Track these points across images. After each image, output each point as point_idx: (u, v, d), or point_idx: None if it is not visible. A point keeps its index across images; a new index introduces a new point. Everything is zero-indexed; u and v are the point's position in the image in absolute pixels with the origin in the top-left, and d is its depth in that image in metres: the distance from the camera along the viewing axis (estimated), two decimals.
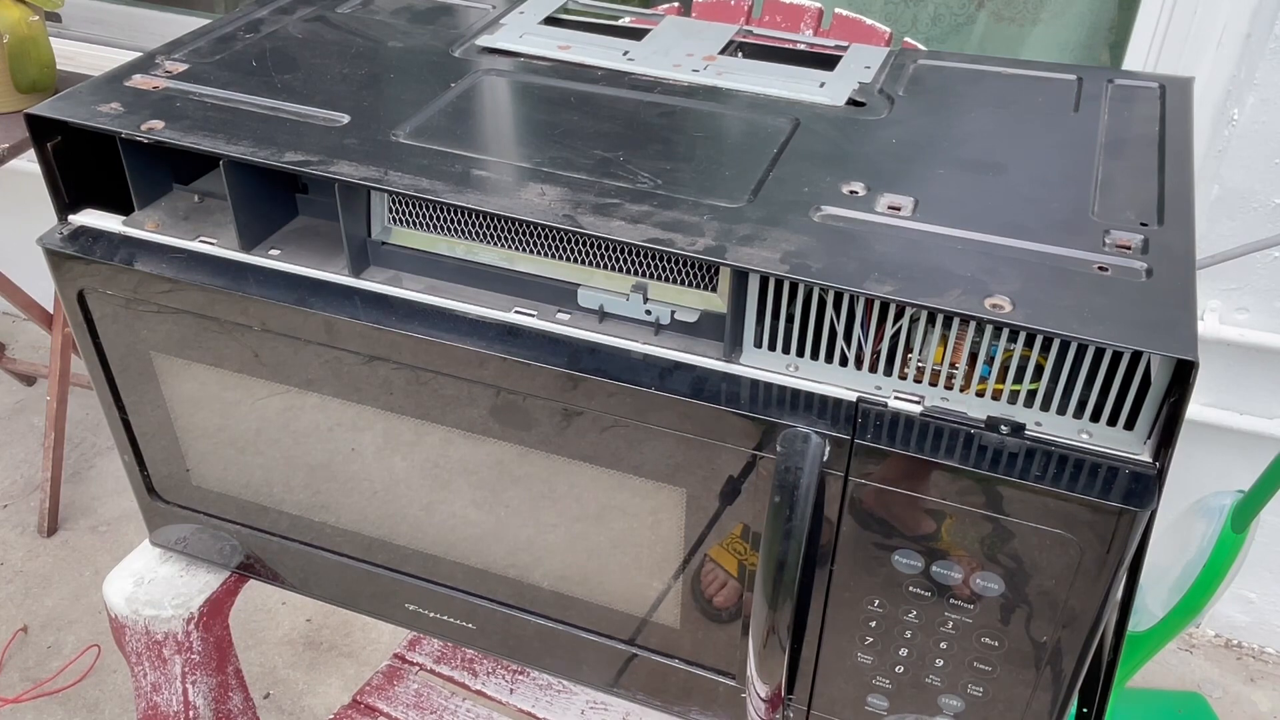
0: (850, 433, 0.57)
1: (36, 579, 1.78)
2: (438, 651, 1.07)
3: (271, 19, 0.84)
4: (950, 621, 0.60)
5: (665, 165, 0.65)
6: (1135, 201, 0.62)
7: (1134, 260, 0.56)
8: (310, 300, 0.66)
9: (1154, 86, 0.75)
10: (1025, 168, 0.65)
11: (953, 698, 0.64)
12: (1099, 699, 0.66)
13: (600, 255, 0.64)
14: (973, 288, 0.54)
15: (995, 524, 0.56)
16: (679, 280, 0.63)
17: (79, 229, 0.72)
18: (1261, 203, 1.26)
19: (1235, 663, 1.63)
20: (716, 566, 0.66)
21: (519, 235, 0.65)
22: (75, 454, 2.02)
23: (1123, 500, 0.52)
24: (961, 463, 0.55)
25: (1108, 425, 0.55)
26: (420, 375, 0.66)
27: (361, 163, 0.63)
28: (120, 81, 0.73)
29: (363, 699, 1.02)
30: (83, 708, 1.57)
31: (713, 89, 0.75)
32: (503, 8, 0.87)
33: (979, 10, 1.45)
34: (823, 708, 0.69)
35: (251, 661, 1.64)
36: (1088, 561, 0.55)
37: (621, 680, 0.76)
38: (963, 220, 0.60)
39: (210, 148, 0.65)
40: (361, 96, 0.72)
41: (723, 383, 0.60)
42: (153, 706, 0.89)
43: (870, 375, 0.59)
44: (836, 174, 0.64)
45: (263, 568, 0.85)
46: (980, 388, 0.57)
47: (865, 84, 0.75)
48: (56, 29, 1.87)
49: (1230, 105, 1.23)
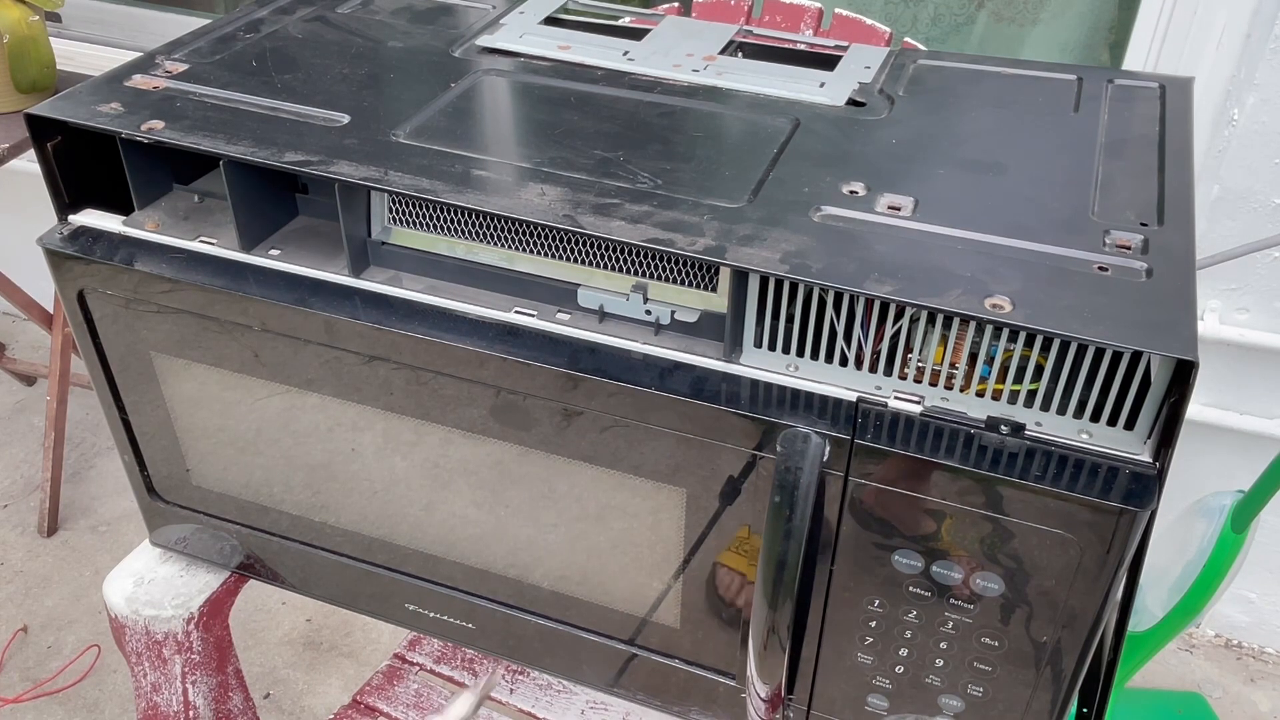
0: (850, 433, 0.57)
1: (36, 579, 1.78)
2: (438, 651, 1.07)
3: (271, 19, 0.84)
4: (950, 621, 0.60)
5: (665, 165, 0.65)
6: (1135, 202, 0.62)
7: (1134, 260, 0.56)
8: (310, 300, 0.66)
9: (1154, 86, 0.75)
10: (1025, 168, 0.65)
11: (953, 698, 0.64)
12: (1099, 699, 0.66)
13: (600, 255, 0.64)
14: (973, 288, 0.54)
15: (995, 524, 0.56)
16: (679, 280, 0.63)
17: (79, 229, 0.72)
18: (1261, 203, 1.26)
19: (1235, 663, 1.63)
20: (731, 571, 0.66)
21: (519, 235, 0.65)
22: (75, 454, 2.02)
23: (1123, 500, 0.52)
24: (961, 463, 0.55)
25: (1108, 425, 0.55)
26: (420, 375, 0.66)
27: (361, 163, 0.63)
28: (120, 81, 0.73)
29: (363, 699, 1.02)
30: (83, 708, 1.57)
31: (713, 89, 0.75)
32: (503, 8, 0.87)
33: (979, 10, 1.45)
34: (823, 708, 0.69)
35: (251, 661, 1.64)
36: (1088, 561, 0.55)
37: (621, 680, 0.76)
38: (963, 220, 0.60)
39: (210, 148, 0.65)
40: (361, 96, 0.72)
41: (723, 383, 0.60)
42: (153, 706, 0.89)
43: (870, 375, 0.59)
44: (836, 174, 0.64)
45: (263, 568, 0.85)
46: (980, 388, 0.57)
47: (865, 84, 0.75)
48: (56, 29, 1.87)
49: (1230, 105, 1.23)
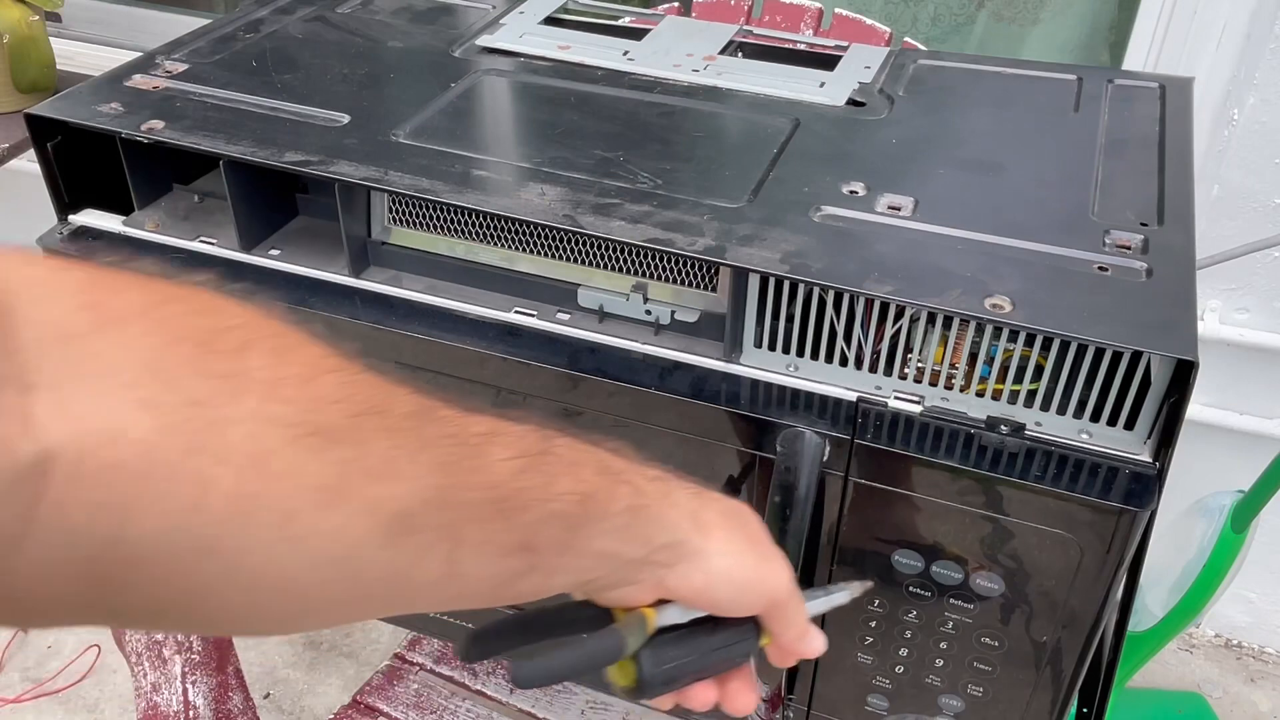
0: (850, 433, 0.56)
1: None
2: (438, 651, 1.07)
3: (271, 19, 0.84)
4: (950, 621, 0.60)
5: (665, 165, 0.65)
6: (1135, 201, 0.62)
7: (1134, 260, 0.56)
8: (310, 300, 0.66)
9: (1154, 86, 0.75)
10: (1025, 168, 0.65)
11: (953, 698, 0.64)
12: (1099, 699, 0.66)
13: (600, 255, 0.64)
14: (973, 288, 0.54)
15: (995, 524, 0.56)
16: (679, 280, 0.63)
17: (79, 229, 0.72)
18: (1261, 203, 1.26)
19: (1235, 663, 1.63)
20: None
21: (519, 235, 0.65)
22: None
23: (1123, 500, 0.52)
24: (961, 463, 0.55)
25: (1108, 425, 0.55)
26: (420, 375, 0.66)
27: (361, 163, 0.63)
28: (120, 81, 0.73)
29: (363, 699, 1.02)
30: (83, 708, 1.57)
31: (713, 89, 0.75)
32: (503, 8, 0.87)
33: (979, 10, 1.45)
34: (823, 708, 0.69)
35: (251, 661, 1.64)
36: (1088, 561, 0.55)
37: None
38: (963, 220, 0.60)
39: (210, 148, 0.65)
40: (361, 96, 0.72)
41: (723, 383, 0.60)
42: (153, 706, 0.89)
43: (870, 375, 0.59)
44: (836, 174, 0.64)
45: None
46: (980, 388, 0.57)
47: (865, 84, 0.75)
48: (56, 29, 1.87)
49: (1230, 105, 1.23)
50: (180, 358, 0.31)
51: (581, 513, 0.40)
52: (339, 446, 0.34)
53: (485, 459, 0.38)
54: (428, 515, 0.35)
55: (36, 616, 0.32)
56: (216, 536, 0.31)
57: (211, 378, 0.31)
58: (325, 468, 0.33)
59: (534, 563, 0.39)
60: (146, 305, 0.32)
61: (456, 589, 0.38)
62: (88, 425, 0.29)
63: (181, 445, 0.30)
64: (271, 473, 0.32)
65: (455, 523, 0.36)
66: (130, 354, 0.30)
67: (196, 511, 0.31)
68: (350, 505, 0.34)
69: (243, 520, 0.31)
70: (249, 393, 0.32)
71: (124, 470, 0.29)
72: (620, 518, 0.41)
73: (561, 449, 0.40)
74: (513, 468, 0.38)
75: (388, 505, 0.34)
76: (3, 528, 0.28)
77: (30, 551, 0.29)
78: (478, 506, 0.37)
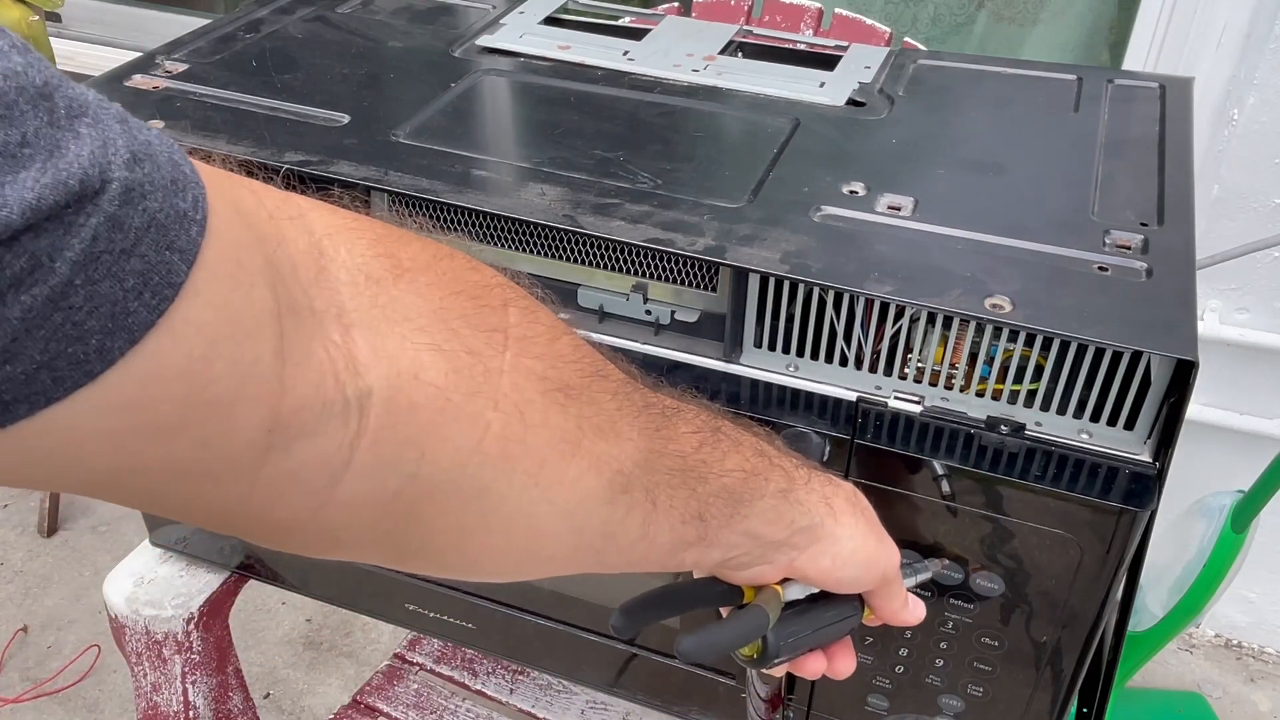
0: (850, 433, 0.57)
1: (36, 579, 1.78)
2: (438, 651, 1.07)
3: (271, 19, 0.84)
4: (950, 621, 0.60)
5: (665, 165, 0.65)
6: (1135, 201, 0.62)
7: (1134, 260, 0.56)
8: None
9: (1154, 86, 0.75)
10: (1025, 168, 0.65)
11: (953, 698, 0.64)
12: (1099, 699, 0.66)
13: (600, 255, 0.64)
14: (973, 288, 0.54)
15: (995, 524, 0.56)
16: (679, 280, 0.63)
17: None
18: (1261, 203, 1.26)
19: (1235, 663, 1.63)
20: None
21: (519, 235, 0.65)
22: None
23: (1123, 500, 0.52)
24: (961, 463, 0.55)
25: (1108, 425, 0.55)
26: None
27: (361, 163, 0.63)
28: (120, 81, 0.73)
29: (363, 699, 1.02)
30: (83, 708, 1.57)
31: (713, 89, 0.75)
32: (503, 8, 0.87)
33: (979, 10, 1.45)
34: (823, 708, 0.69)
35: (251, 661, 1.64)
36: (1088, 561, 0.55)
37: (621, 680, 0.76)
38: (963, 220, 0.60)
39: (210, 148, 0.65)
40: (361, 96, 0.72)
41: (723, 383, 0.60)
42: (153, 706, 0.89)
43: (870, 375, 0.59)
44: (836, 174, 0.64)
45: (262, 567, 0.85)
46: (980, 388, 0.57)
47: (865, 84, 0.75)
48: (56, 29, 1.87)
49: (1230, 105, 1.23)
50: (459, 309, 0.34)
51: (744, 490, 0.42)
52: (577, 403, 0.36)
53: (675, 429, 0.40)
54: (637, 476, 0.38)
55: (342, 550, 0.35)
56: (490, 478, 0.34)
57: (482, 330, 0.34)
58: (567, 421, 0.36)
59: (703, 533, 0.41)
60: (430, 258, 0.35)
61: (642, 552, 0.40)
62: (397, 365, 0.31)
63: (465, 389, 0.33)
64: (529, 422, 0.34)
65: (655, 486, 0.39)
66: (422, 301, 0.33)
67: (475, 452, 0.33)
68: (583, 460, 0.36)
69: (508, 465, 0.34)
70: (508, 347, 0.34)
71: (422, 410, 0.32)
72: (771, 499, 0.44)
73: (727, 428, 0.43)
74: (695, 440, 0.41)
75: (611, 464, 0.37)
76: (329, 459, 0.30)
77: (348, 484, 0.31)
78: (671, 474, 0.39)
